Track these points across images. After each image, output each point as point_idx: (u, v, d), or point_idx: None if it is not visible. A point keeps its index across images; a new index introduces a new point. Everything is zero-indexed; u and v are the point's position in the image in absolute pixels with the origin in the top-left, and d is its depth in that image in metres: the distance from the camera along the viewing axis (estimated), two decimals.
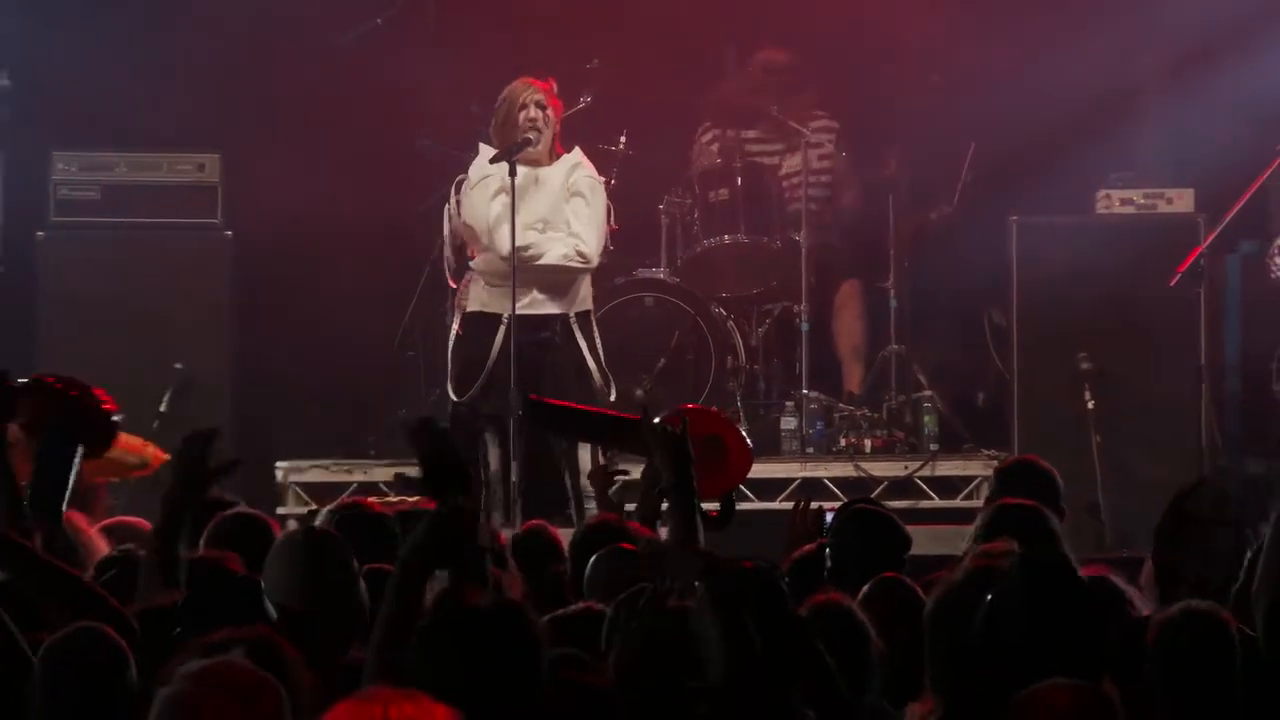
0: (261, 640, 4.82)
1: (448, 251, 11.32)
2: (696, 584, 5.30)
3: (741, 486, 9.52)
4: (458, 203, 11.10)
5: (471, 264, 11.04)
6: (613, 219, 11.27)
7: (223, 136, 12.45)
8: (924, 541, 7.87)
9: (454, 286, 11.27)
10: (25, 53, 12.49)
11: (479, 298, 10.96)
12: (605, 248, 11.27)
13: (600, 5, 12.71)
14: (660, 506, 7.43)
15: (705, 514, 6.81)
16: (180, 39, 12.52)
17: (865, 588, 6.08)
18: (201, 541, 6.76)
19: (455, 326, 11.07)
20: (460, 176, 11.15)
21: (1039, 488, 7.04)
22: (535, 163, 10.87)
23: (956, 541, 8.50)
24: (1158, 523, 6.09)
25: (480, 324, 10.92)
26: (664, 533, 6.74)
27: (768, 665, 5.04)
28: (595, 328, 11.06)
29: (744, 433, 8.40)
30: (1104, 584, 5.58)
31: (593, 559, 6.75)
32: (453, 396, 11.04)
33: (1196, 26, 12.34)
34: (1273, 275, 11.59)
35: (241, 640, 4.78)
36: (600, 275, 11.30)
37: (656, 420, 6.63)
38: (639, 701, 5.13)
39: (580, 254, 10.90)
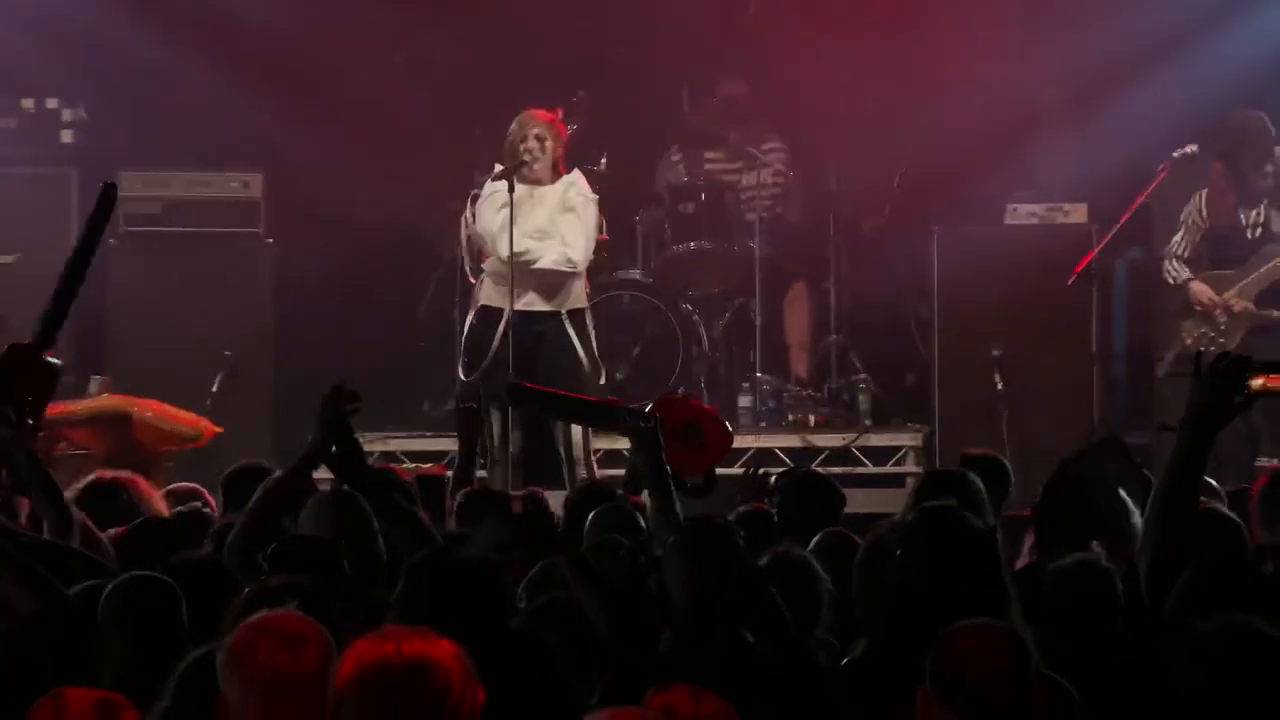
0: (306, 587, 4.80)
1: (465, 255, 11.32)
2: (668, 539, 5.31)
3: None
4: (473, 214, 11.10)
5: (483, 266, 11.04)
6: (603, 230, 11.28)
7: (265, 159, 12.43)
8: (860, 501, 7.88)
9: (473, 282, 11.26)
10: (97, 88, 12.48)
11: (488, 294, 10.95)
12: (599, 254, 11.28)
13: (585, 46, 12.70)
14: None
15: (688, 485, 6.83)
16: (226, 77, 12.47)
17: (815, 539, 6.08)
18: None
19: (470, 318, 11.06)
20: (474, 191, 11.14)
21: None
22: (537, 182, 10.85)
23: (888, 501, 8.51)
24: (1045, 483, 6.06)
25: (487, 317, 10.91)
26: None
27: (724, 605, 5.04)
28: (588, 321, 11.04)
29: (721, 416, 8.32)
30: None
31: (591, 514, 6.71)
32: (461, 377, 11.04)
33: (1089, 65, 12.36)
34: (1166, 278, 11.53)
35: (290, 588, 4.76)
36: (587, 274, 11.28)
37: (634, 417, 6.65)
38: (619, 638, 5.12)
39: (569, 259, 10.87)
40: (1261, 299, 11.20)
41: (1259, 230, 11.23)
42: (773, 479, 7.49)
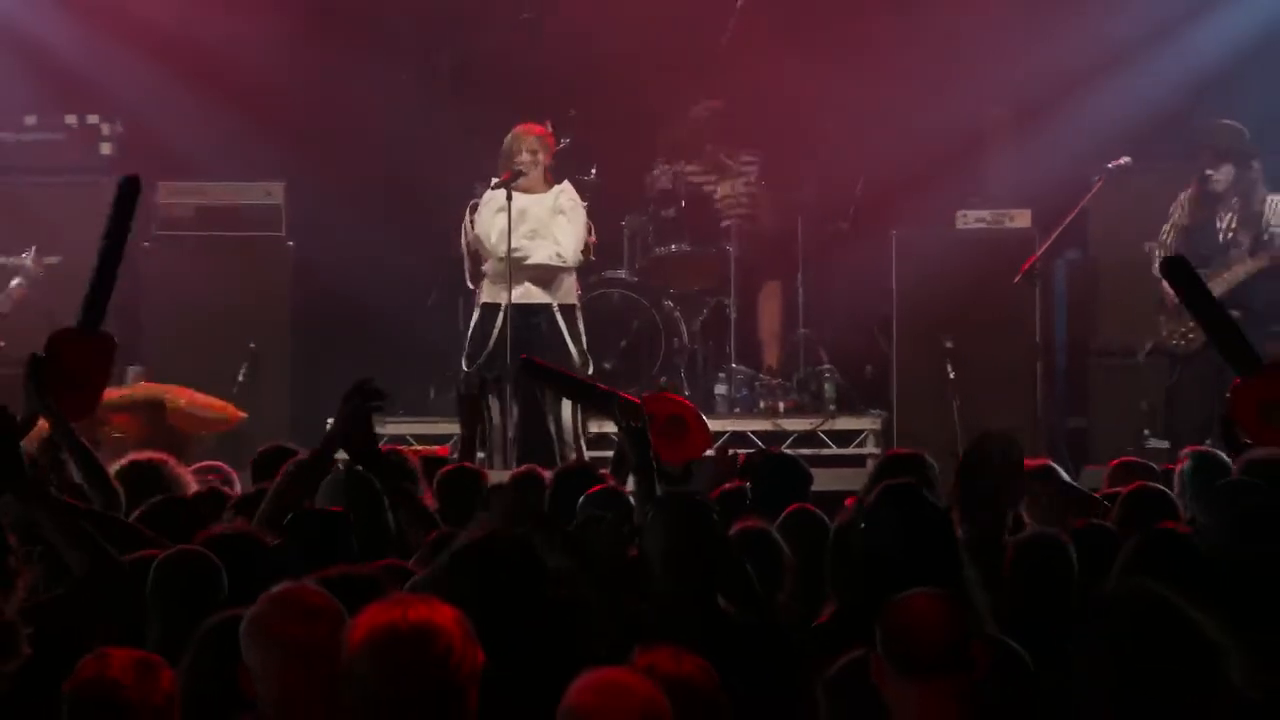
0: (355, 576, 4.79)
1: (466, 260, 11.33)
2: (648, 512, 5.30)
3: None
4: (471, 222, 11.14)
5: (484, 268, 11.08)
6: (592, 233, 11.29)
7: (285, 169, 12.42)
8: (826, 480, 7.85)
9: (472, 287, 11.28)
10: (135, 105, 12.46)
11: (489, 292, 11.02)
12: (587, 257, 11.29)
13: (576, 69, 12.69)
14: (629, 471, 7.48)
15: (669, 473, 6.82)
16: (251, 96, 12.46)
17: (782, 516, 6.07)
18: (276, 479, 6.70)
19: (474, 318, 11.12)
20: (473, 201, 11.17)
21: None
22: (530, 189, 10.92)
23: (851, 479, 8.49)
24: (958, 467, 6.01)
25: (488, 314, 10.96)
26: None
27: (697, 572, 5.03)
28: (578, 317, 11.08)
29: (703, 416, 8.29)
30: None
31: (582, 498, 6.69)
32: (464, 367, 11.07)
33: (1032, 83, 12.38)
34: (1154, 270, 11.29)
35: (344, 576, 4.74)
36: (577, 275, 11.29)
37: (627, 413, 6.67)
38: (605, 601, 5.11)
39: (559, 255, 10.96)
40: (1226, 299, 10.97)
41: (1230, 234, 11.11)
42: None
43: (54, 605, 4.96)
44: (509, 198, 10.66)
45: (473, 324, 11.09)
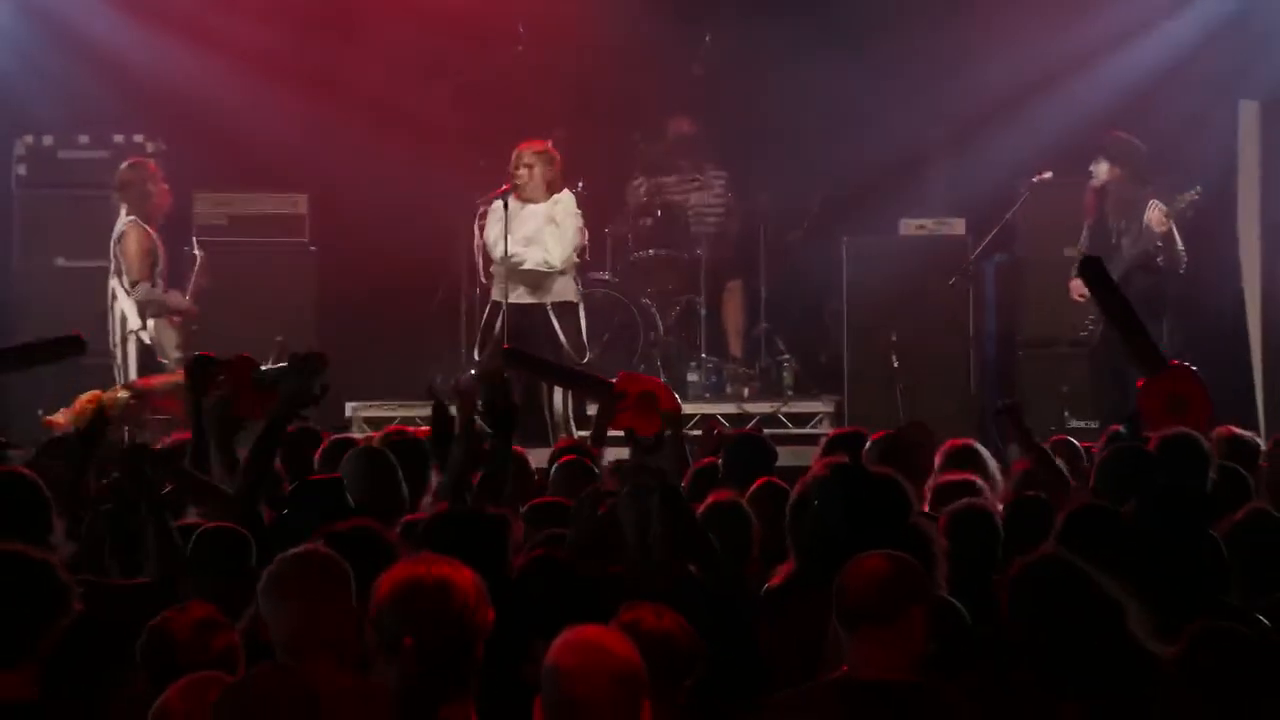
0: (360, 531, 4.82)
1: (480, 263, 11.38)
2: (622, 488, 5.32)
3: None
4: (480, 229, 11.20)
5: (492, 269, 11.11)
6: (584, 238, 11.33)
7: (309, 182, 12.42)
8: (784, 456, 7.89)
9: (485, 282, 11.34)
10: (174, 125, 12.44)
11: (496, 291, 11.09)
12: (582, 258, 11.31)
13: (565, 93, 12.72)
14: (604, 436, 7.53)
15: (644, 441, 6.84)
16: (280, 116, 12.46)
17: (751, 489, 6.10)
18: (316, 458, 6.73)
19: (486, 313, 11.15)
20: (482, 209, 11.20)
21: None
22: (530, 200, 10.97)
23: (807, 456, 8.54)
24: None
25: (493, 310, 11.02)
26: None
27: (665, 542, 5.04)
28: (576, 312, 11.14)
29: (674, 393, 8.31)
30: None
31: (553, 468, 6.76)
32: (476, 357, 11.16)
33: (968, 106, 12.42)
34: (1074, 297, 11.18)
35: (344, 532, 4.77)
36: (576, 274, 11.34)
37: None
38: (587, 567, 5.14)
39: (546, 261, 11.01)
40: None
41: (1118, 237, 11.11)
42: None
43: (126, 591, 5.02)
44: (506, 206, 10.75)
45: (484, 318, 11.19)
